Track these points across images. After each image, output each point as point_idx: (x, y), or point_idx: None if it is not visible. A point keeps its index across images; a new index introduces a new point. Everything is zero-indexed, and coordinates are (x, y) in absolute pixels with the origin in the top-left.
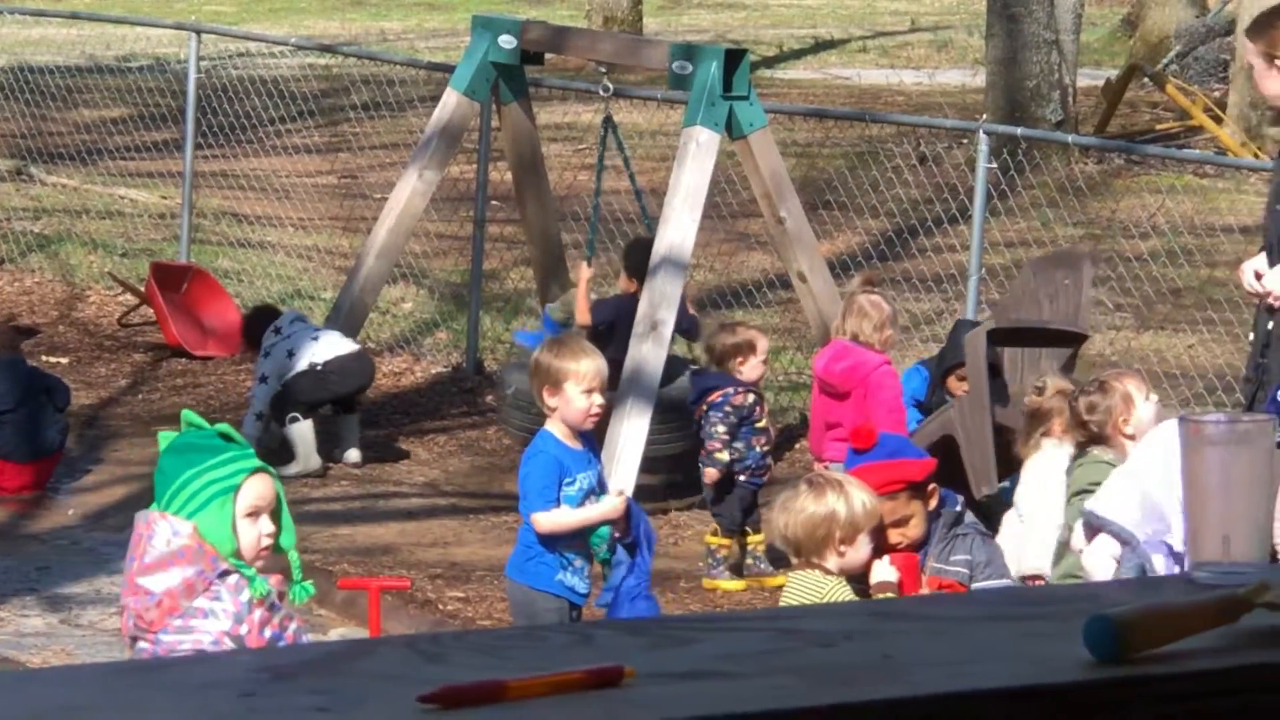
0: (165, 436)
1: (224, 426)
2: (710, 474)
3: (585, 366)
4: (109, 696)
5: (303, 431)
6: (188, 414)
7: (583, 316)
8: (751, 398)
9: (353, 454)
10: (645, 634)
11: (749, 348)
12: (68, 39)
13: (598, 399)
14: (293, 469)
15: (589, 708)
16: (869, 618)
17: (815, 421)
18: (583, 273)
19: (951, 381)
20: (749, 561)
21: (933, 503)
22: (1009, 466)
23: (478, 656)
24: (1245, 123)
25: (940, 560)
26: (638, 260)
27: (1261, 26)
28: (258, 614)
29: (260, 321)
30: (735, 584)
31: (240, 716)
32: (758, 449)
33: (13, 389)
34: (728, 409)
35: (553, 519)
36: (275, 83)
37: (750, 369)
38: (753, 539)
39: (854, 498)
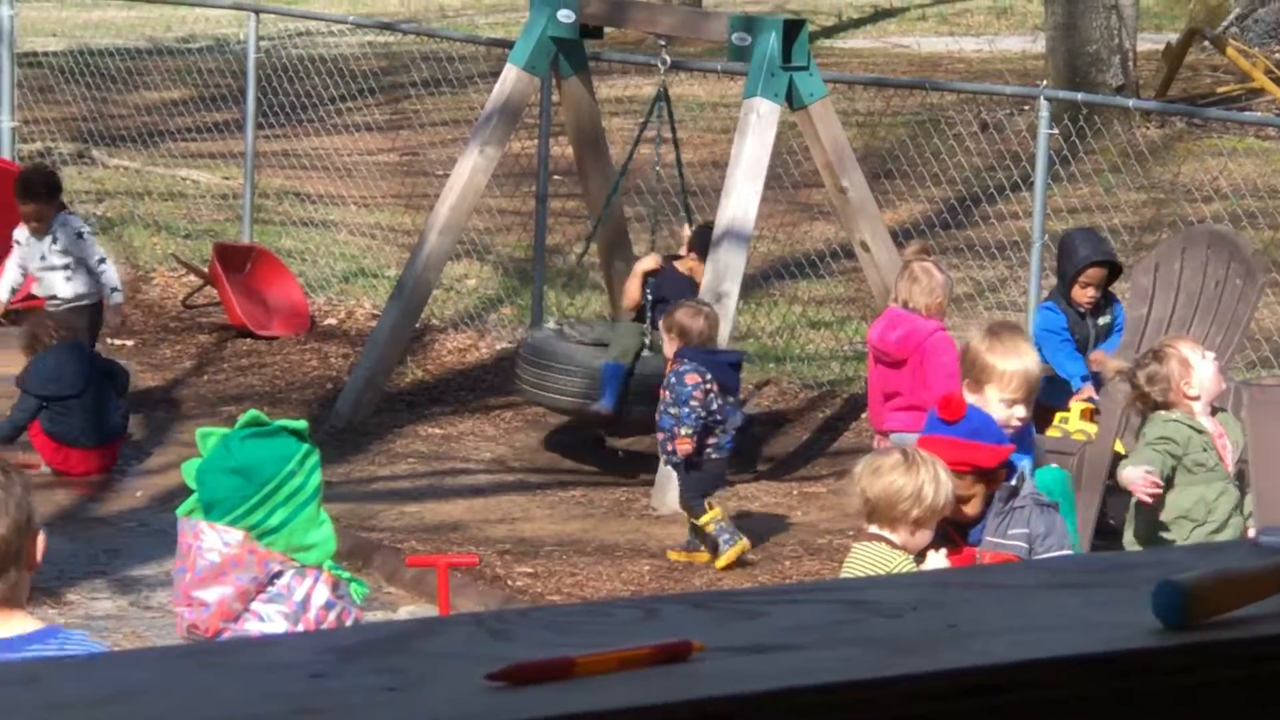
0: (208, 435)
1: (289, 422)
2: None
3: (1013, 369)
4: (173, 679)
5: None
6: (253, 414)
7: (631, 299)
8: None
9: None
10: (711, 608)
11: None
12: (128, 21)
13: (1019, 412)
14: None
15: (658, 683)
16: (934, 588)
17: (873, 393)
18: (642, 263)
19: (1076, 291)
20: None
21: (996, 487)
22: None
23: (544, 633)
24: None
25: (997, 535)
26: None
27: None
28: (314, 613)
29: (54, 190)
30: (739, 547)
31: (309, 697)
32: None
33: (77, 375)
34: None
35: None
36: (335, 61)
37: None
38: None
39: (943, 485)
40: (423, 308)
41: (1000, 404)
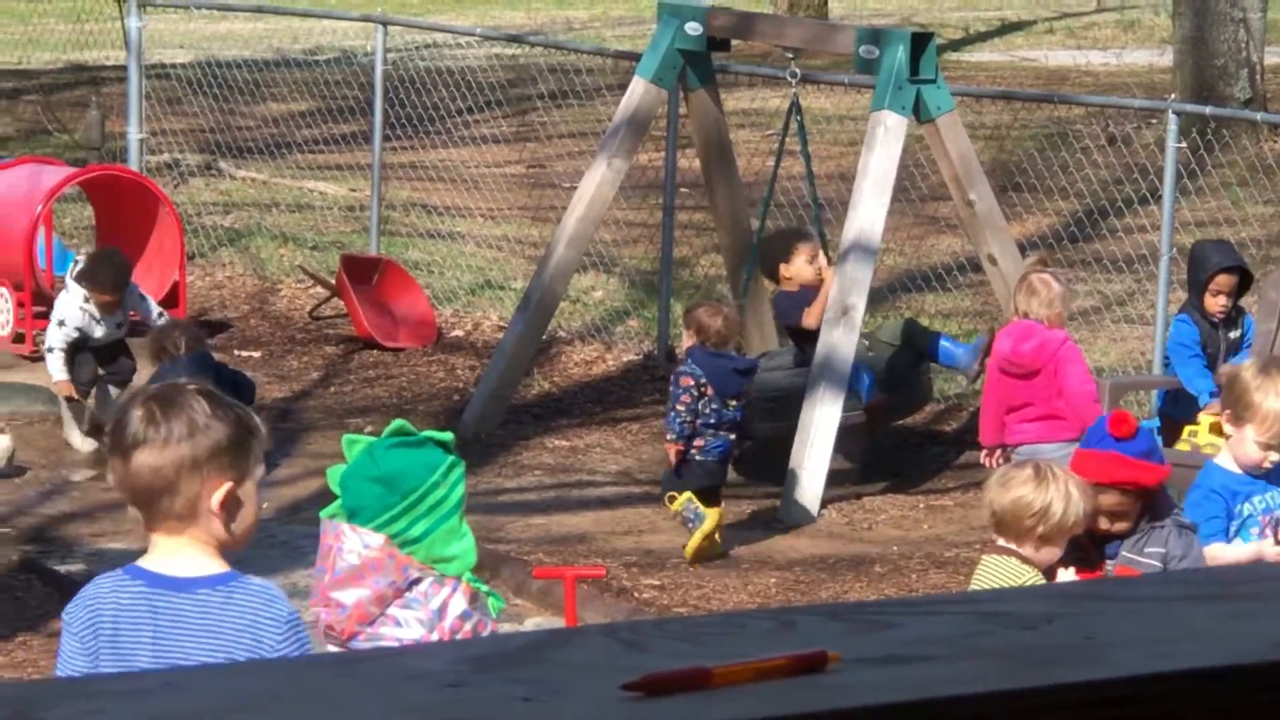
0: (354, 442)
1: (435, 433)
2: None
3: (1277, 412)
4: (310, 688)
5: None
6: (400, 423)
7: (815, 319)
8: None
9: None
10: (846, 619)
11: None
12: (254, 33)
13: (1273, 457)
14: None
15: (795, 693)
16: (1069, 599)
17: (993, 406)
18: (828, 280)
19: (1208, 299)
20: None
21: (1152, 505)
22: None
23: (679, 644)
24: None
25: (1134, 551)
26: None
27: None
28: (449, 622)
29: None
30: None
31: (446, 706)
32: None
33: None
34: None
35: (1211, 553)
36: (462, 73)
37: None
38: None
39: (1073, 503)
40: (549, 320)
41: (1255, 444)
